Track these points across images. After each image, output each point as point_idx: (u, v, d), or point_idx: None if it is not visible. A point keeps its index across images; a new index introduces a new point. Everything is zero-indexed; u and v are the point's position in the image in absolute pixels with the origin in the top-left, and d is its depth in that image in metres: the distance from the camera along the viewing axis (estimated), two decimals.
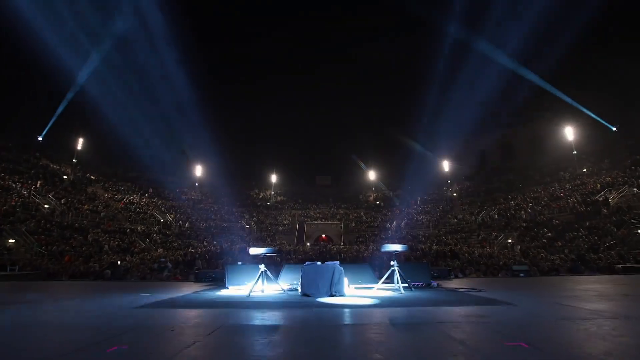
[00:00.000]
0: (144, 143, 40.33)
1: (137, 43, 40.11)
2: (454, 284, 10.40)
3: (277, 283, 8.19)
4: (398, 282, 7.56)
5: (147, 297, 7.24)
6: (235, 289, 8.71)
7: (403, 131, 51.65)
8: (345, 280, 7.31)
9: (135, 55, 40.91)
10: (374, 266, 10.31)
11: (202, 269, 20.70)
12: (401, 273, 7.59)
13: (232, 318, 4.68)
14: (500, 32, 38.27)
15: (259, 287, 7.68)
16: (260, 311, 5.12)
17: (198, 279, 12.20)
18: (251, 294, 7.25)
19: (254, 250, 7.80)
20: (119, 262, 20.55)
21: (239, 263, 13.32)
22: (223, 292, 8.10)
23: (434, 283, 8.89)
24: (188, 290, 8.98)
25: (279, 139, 60.84)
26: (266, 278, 7.84)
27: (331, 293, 6.80)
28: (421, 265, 10.44)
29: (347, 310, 5.21)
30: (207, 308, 5.61)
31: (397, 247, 7.67)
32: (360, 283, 9.03)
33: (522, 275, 12.93)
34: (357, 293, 7.47)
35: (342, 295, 6.88)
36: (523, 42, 36.92)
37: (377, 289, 8.08)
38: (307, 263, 7.48)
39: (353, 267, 9.90)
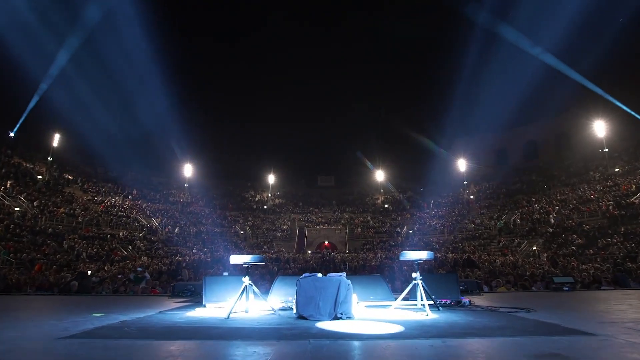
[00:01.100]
0: (127, 140, 39.85)
1: (119, 29, 39.57)
2: (485, 299, 9.20)
3: (266, 300, 6.96)
4: (422, 299, 6.31)
5: (97, 318, 6.02)
6: (214, 307, 7.52)
7: (415, 127, 50.93)
8: (354, 297, 6.08)
9: (118, 43, 40.31)
10: (384, 277, 9.06)
11: (186, 279, 19.71)
12: (426, 288, 6.33)
13: (188, 359, 3.43)
14: (526, 17, 37.35)
15: (241, 305, 6.45)
16: (234, 345, 3.87)
17: (175, 293, 11.07)
18: (231, 315, 6.00)
19: (235, 259, 6.59)
20: (89, 272, 19.47)
21: (225, 274, 12.20)
22: (197, 312, 6.89)
23: (465, 300, 7.62)
24: (157, 307, 7.80)
25: (278, 136, 60.00)
26: (252, 294, 6.64)
27: (335, 315, 5.56)
28: (448, 277, 9.16)
29: (357, 343, 3.95)
30: (162, 339, 4.33)
31: (420, 255, 6.42)
32: (372, 299, 7.79)
33: (566, 289, 11.63)
34: (369, 314, 6.24)
35: (349, 317, 5.64)
36: (550, 29, 36.03)
37: (395, 308, 6.81)
38: (304, 275, 6.23)
39: (362, 279, 8.62)
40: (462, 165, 51.73)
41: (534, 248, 31.39)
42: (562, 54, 36.49)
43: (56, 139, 42.25)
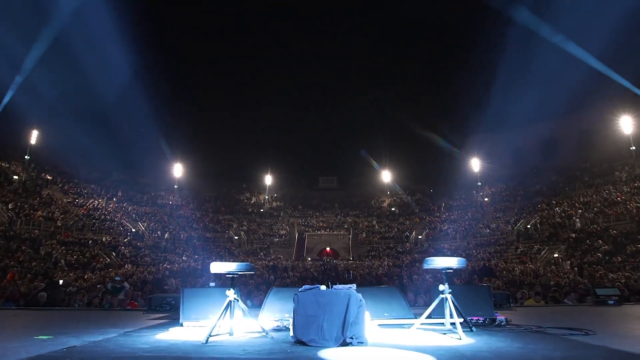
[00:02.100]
0: (112, 137, 39.38)
1: (103, 18, 38.98)
2: (520, 316, 8.27)
3: (257, 318, 5.99)
4: (451, 318, 5.36)
5: (41, 342, 5.09)
6: (193, 326, 6.54)
7: (425, 124, 50.06)
8: (367, 316, 5.12)
9: (101, 33, 39.74)
10: (399, 289, 8.08)
11: (173, 290, 18.99)
12: (456, 304, 5.37)
13: None
14: (545, 2, 36.58)
15: (224, 326, 5.47)
16: None
17: (152, 307, 10.18)
18: (210, 339, 5.03)
19: (217, 267, 5.61)
20: (60, 282, 18.64)
21: (212, 284, 11.32)
22: (170, 334, 5.92)
23: (500, 318, 6.65)
24: (124, 326, 6.84)
25: (275, 134, 58.86)
26: (239, 310, 5.67)
27: (344, 340, 4.60)
28: (478, 289, 8.14)
29: None
30: None
31: (449, 262, 5.47)
32: (387, 317, 6.81)
33: (611, 302, 10.68)
34: (385, 337, 5.31)
35: (362, 343, 4.69)
36: (571, 13, 35.20)
37: (418, 328, 5.83)
38: (304, 288, 5.27)
39: (374, 292, 7.57)
40: (475, 165, 50.71)
41: (556, 255, 30.76)
42: (583, 41, 35.54)
43: (34, 136, 41.34)
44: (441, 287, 5.47)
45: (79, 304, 14.07)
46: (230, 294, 5.47)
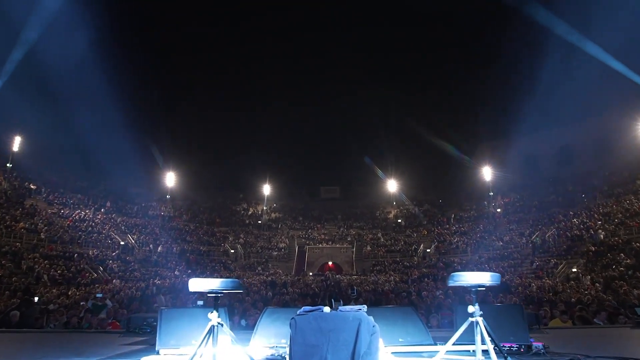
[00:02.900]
0: (100, 144, 39.06)
1: (92, 18, 38.76)
2: (555, 340, 7.54)
3: (247, 344, 5.25)
4: (484, 344, 4.64)
5: None
6: (170, 354, 5.79)
7: (433, 130, 49.79)
8: (380, 343, 4.40)
9: (89, 33, 39.44)
10: (415, 310, 7.33)
11: (156, 308, 18.29)
12: (489, 329, 4.63)
13: None
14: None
15: (207, 355, 4.73)
16: None
17: (130, 328, 9.48)
18: None
19: (196, 284, 4.83)
20: (35, 299, 18.04)
21: (200, 302, 10.61)
22: None
23: (537, 344, 5.93)
24: (91, 354, 6.14)
25: (274, 141, 58.61)
26: (225, 336, 4.93)
27: None
28: (509, 309, 7.36)
29: None
30: None
31: (481, 278, 4.75)
32: (403, 342, 6.08)
33: None
34: None
35: None
36: (589, 11, 34.81)
37: (443, 359, 5.10)
38: (303, 310, 4.54)
39: (385, 312, 6.83)
40: (487, 173, 50.24)
41: (574, 270, 30.14)
42: (602, 41, 35.09)
43: (17, 143, 40.98)
44: (471, 309, 4.72)
45: (54, 324, 13.34)
46: (214, 317, 4.70)
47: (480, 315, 4.70)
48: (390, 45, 58.42)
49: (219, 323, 4.71)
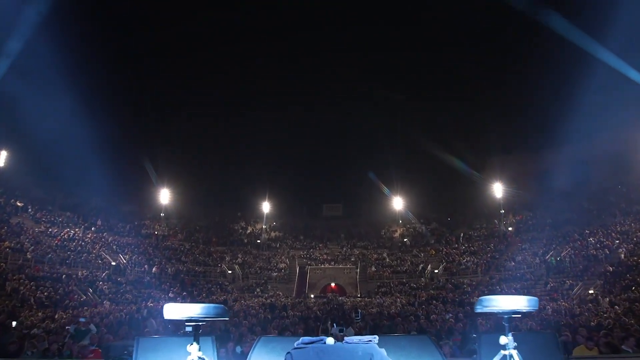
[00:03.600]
0: (91, 159, 38.89)
1: (83, 22, 38.94)
2: None
3: None
4: None
5: None
6: None
7: (440, 143, 49.53)
8: None
9: (76, 42, 39.44)
10: (431, 338, 6.94)
11: (153, 332, 18.10)
12: None
13: None
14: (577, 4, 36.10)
15: None
16: None
17: (110, 357, 9.24)
18: None
19: (170, 311, 4.44)
20: (13, 324, 17.89)
21: (189, 329, 10.27)
22: None
23: None
24: None
25: (274, 156, 58.12)
26: None
27: None
28: (541, 338, 6.97)
29: None
30: None
31: (516, 303, 4.38)
32: None
33: None
34: None
35: None
36: (608, 18, 34.73)
37: None
38: (302, 341, 4.23)
39: (399, 342, 6.44)
40: (497, 190, 49.82)
41: (591, 291, 29.91)
42: (620, 51, 34.89)
43: (2, 157, 40.50)
44: (503, 340, 4.35)
45: (32, 352, 13.02)
46: (193, 350, 4.33)
47: (515, 348, 4.37)
48: (397, 52, 58.10)
49: (200, 358, 4.36)
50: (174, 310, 4.32)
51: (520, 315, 4.46)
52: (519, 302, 4.29)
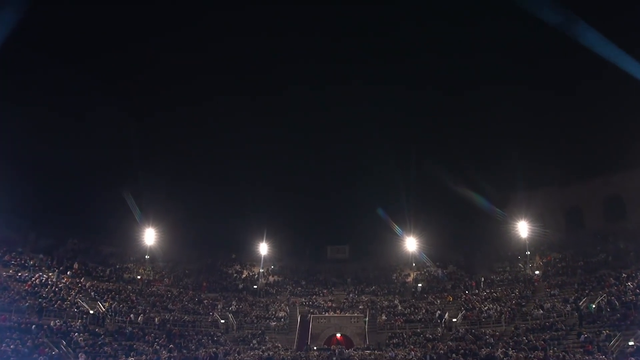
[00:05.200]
0: (67, 194, 38.91)
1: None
2: None
3: None
4: None
5: None
6: None
7: (458, 178, 49.46)
8: None
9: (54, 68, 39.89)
10: None
11: None
12: None
13: None
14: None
15: None
16: None
17: None
18: None
19: None
20: None
21: None
22: None
23: None
24: None
25: (273, 192, 58.29)
26: None
27: None
28: None
29: None
30: None
31: None
32: None
33: None
34: None
35: None
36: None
37: None
38: None
39: None
40: (523, 229, 49.29)
41: (631, 343, 29.30)
42: None
43: None
44: None
45: None
46: None
47: None
48: (408, 76, 58.37)
49: None
50: None
51: None
52: None
